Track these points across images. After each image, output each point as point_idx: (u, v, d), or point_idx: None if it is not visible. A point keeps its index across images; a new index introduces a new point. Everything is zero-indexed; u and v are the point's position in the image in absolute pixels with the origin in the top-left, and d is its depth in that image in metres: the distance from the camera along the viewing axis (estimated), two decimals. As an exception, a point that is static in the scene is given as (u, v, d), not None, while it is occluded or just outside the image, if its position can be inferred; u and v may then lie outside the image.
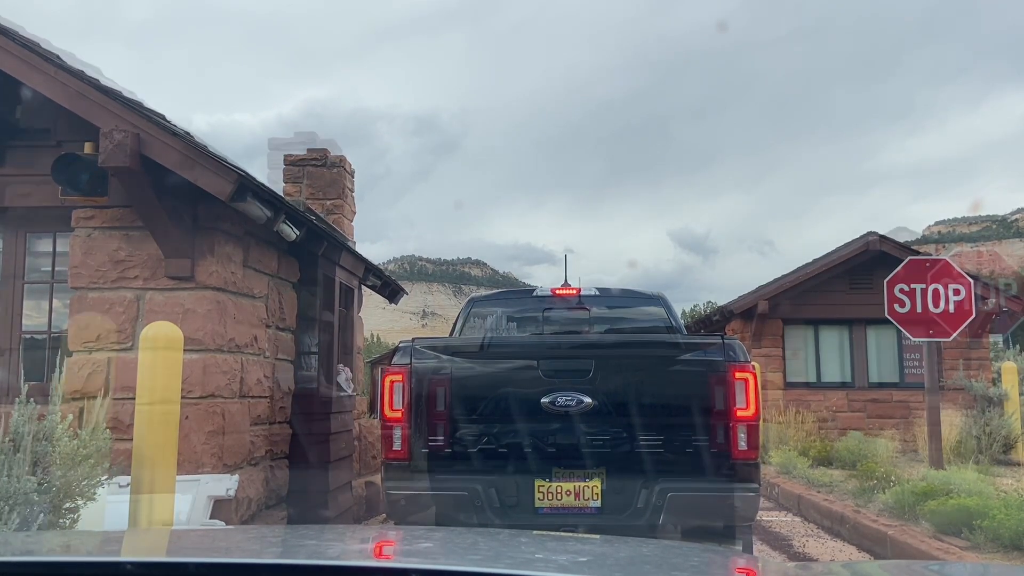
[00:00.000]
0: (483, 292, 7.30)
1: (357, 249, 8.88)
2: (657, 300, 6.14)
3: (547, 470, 4.35)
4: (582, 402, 4.29)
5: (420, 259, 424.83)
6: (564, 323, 6.02)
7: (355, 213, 9.59)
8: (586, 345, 4.97)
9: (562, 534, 2.11)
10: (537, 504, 4.33)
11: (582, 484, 4.33)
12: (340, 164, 9.05)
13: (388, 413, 4.42)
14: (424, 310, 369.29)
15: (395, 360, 4.50)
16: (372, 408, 13.65)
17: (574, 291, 6.00)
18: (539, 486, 4.33)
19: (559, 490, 4.34)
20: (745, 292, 14.18)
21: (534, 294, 6.27)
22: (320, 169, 9.00)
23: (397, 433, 4.41)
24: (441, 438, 4.43)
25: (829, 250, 14.32)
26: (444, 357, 4.52)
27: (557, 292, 6.06)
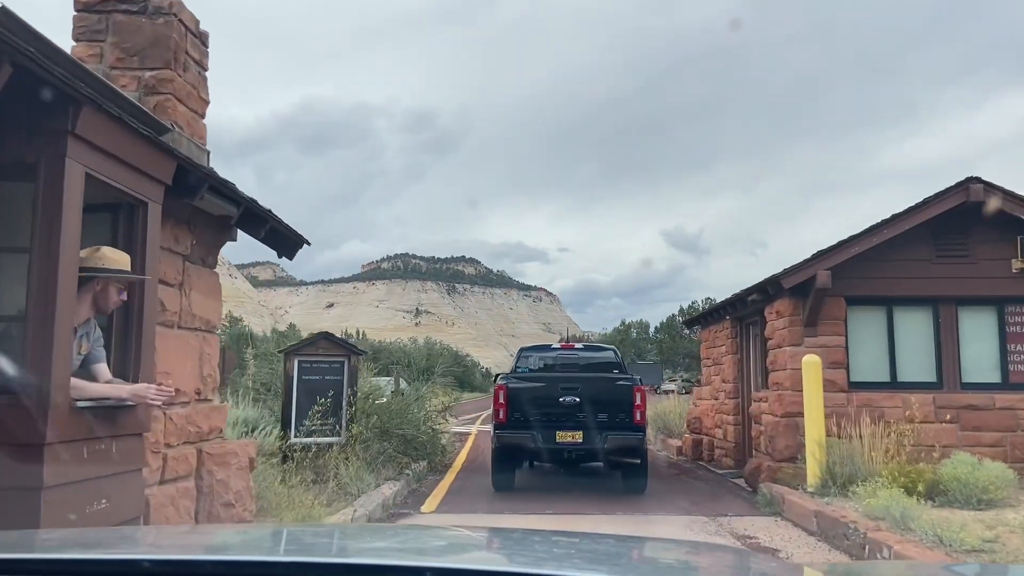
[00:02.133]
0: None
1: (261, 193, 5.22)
2: (611, 349, 12.51)
3: (560, 427, 10.17)
4: (574, 400, 10.27)
5: (413, 257, 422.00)
6: (566, 360, 11.89)
7: (207, 102, 5.92)
8: (576, 375, 11.07)
9: (576, 532, 2.16)
10: (557, 440, 10.14)
11: (573, 433, 10.17)
12: (169, 11, 5.37)
13: (499, 402, 10.27)
14: (418, 308, 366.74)
15: (498, 381, 10.69)
16: (285, 421, 9.98)
17: (571, 345, 12.96)
18: (557, 434, 10.14)
19: (565, 435, 10.16)
20: (798, 261, 10.49)
21: (552, 346, 12.77)
22: (134, 19, 5.33)
23: (502, 412, 10.25)
24: (518, 414, 10.25)
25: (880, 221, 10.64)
26: (516, 379, 10.72)
27: (564, 345, 12.87)
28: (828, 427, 9.71)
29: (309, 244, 6.77)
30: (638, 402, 10.29)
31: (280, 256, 6.67)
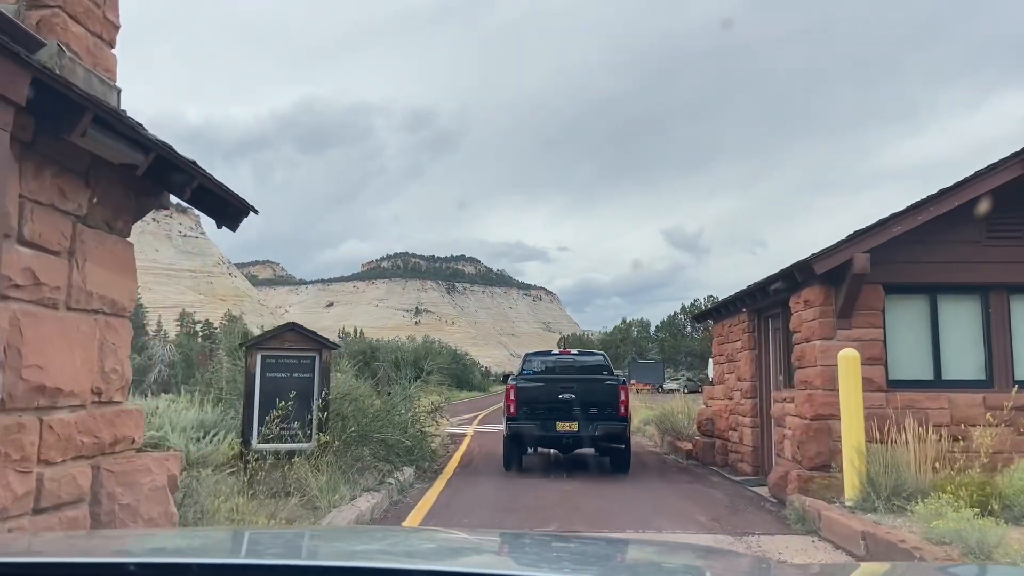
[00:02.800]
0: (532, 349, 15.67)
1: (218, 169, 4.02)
2: (601, 353, 14.51)
3: (559, 418, 11.98)
4: (571, 396, 12.08)
5: (413, 256, 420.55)
6: (563, 363, 13.70)
7: (117, 27, 4.69)
8: (572, 376, 12.82)
9: (566, 535, 2.58)
10: (557, 429, 11.97)
11: (570, 423, 11.96)
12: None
13: (510, 399, 12.18)
14: (417, 307, 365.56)
15: (509, 381, 12.73)
16: (246, 425, 8.74)
17: (568, 351, 14.74)
18: (557, 424, 11.96)
19: (563, 425, 11.97)
20: (831, 243, 9.23)
21: (552, 352, 14.66)
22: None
23: (512, 407, 12.12)
24: (526, 408, 12.07)
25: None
26: (523, 380, 12.60)
27: (562, 351, 14.81)
28: (866, 431, 8.50)
29: (256, 212, 5.55)
30: (623, 398, 12.42)
31: (220, 226, 5.44)
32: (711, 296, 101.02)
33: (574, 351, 14.74)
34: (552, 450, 14.01)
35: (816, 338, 9.42)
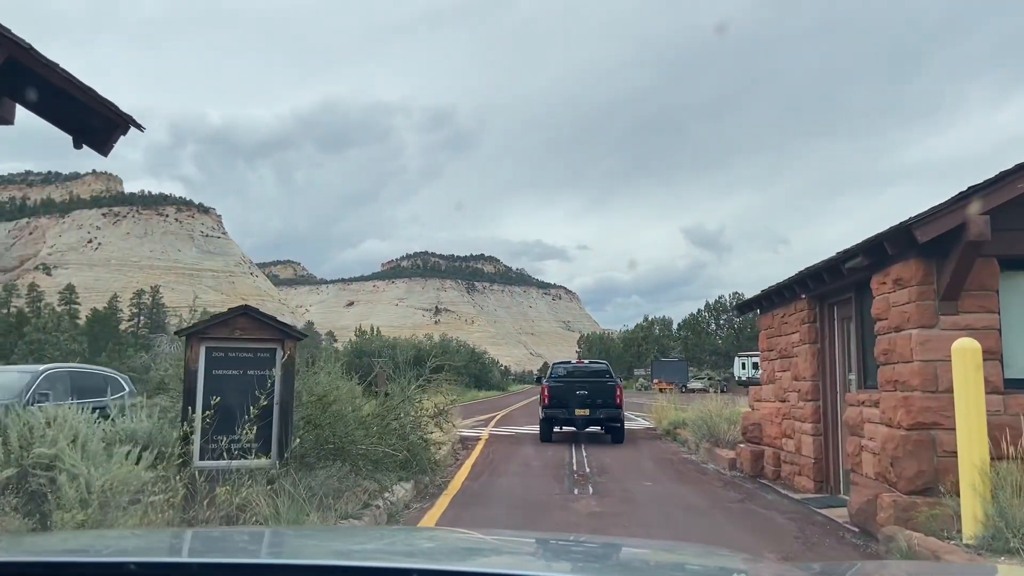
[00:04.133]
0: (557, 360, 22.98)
1: None
2: (605, 363, 21.20)
3: (576, 407, 17.83)
4: (584, 392, 18.04)
5: (432, 255, 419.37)
6: (579, 368, 19.90)
7: None
8: (584, 379, 18.75)
9: (567, 535, 2.40)
10: (575, 413, 17.77)
11: (584, 410, 17.80)
12: None
13: (544, 394, 18.52)
14: (437, 306, 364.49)
15: (543, 382, 19.23)
16: (186, 436, 6.90)
17: (582, 361, 22.01)
18: (576, 410, 17.81)
19: (579, 411, 17.82)
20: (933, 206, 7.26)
21: (570, 362, 20.81)
22: None
23: (546, 399, 18.36)
24: (555, 399, 18.14)
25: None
26: (552, 381, 18.82)
27: (578, 361, 22.17)
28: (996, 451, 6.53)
29: (139, 127, 3.72)
30: (618, 394, 18.06)
31: (79, 144, 3.63)
32: (736, 292, 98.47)
33: (586, 361, 22.12)
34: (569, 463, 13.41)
35: (912, 326, 7.45)
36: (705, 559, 2.01)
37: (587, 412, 17.68)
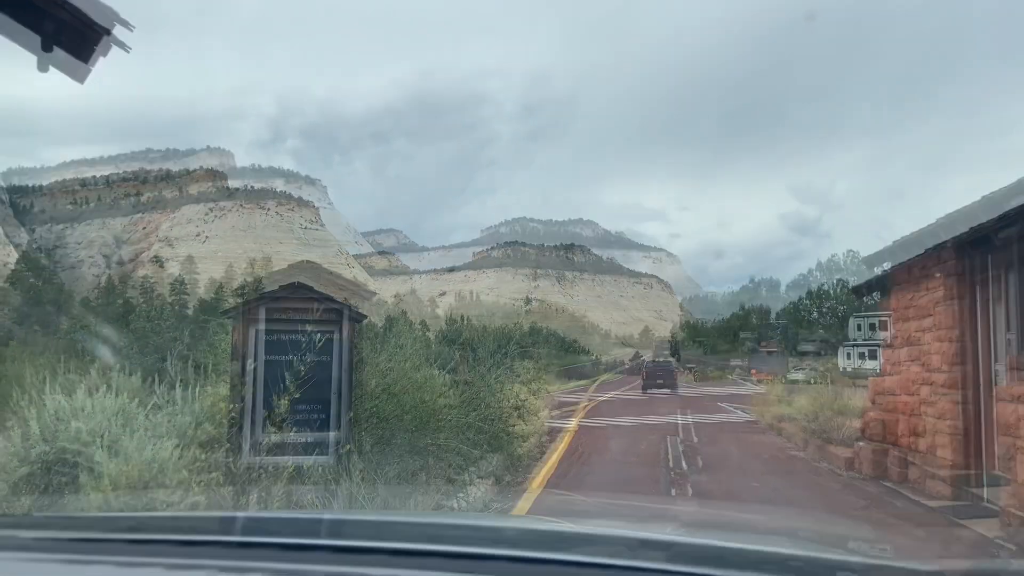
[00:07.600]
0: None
1: None
2: (671, 359, 62.04)
3: (656, 379, 44.11)
4: (658, 371, 45.79)
5: (531, 220, 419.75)
6: (657, 362, 54.60)
7: None
8: (660, 365, 48.03)
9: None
10: (656, 383, 43.17)
11: (659, 380, 43.89)
12: None
13: (643, 374, 46.82)
14: (528, 296, 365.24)
15: (643, 368, 50.82)
16: (235, 428, 6.24)
17: (657, 359, 62.20)
18: (656, 381, 43.72)
19: (657, 381, 43.84)
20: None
21: (656, 359, 60.75)
22: None
23: (644, 377, 45.34)
24: (647, 376, 44.62)
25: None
26: (646, 367, 48.27)
27: (655, 359, 65.04)
28: None
29: (131, 29, 2.97)
30: (673, 369, 45.07)
31: (47, 46, 2.90)
32: (850, 250, 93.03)
33: (660, 358, 52.80)
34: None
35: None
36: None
37: (661, 381, 40.81)
